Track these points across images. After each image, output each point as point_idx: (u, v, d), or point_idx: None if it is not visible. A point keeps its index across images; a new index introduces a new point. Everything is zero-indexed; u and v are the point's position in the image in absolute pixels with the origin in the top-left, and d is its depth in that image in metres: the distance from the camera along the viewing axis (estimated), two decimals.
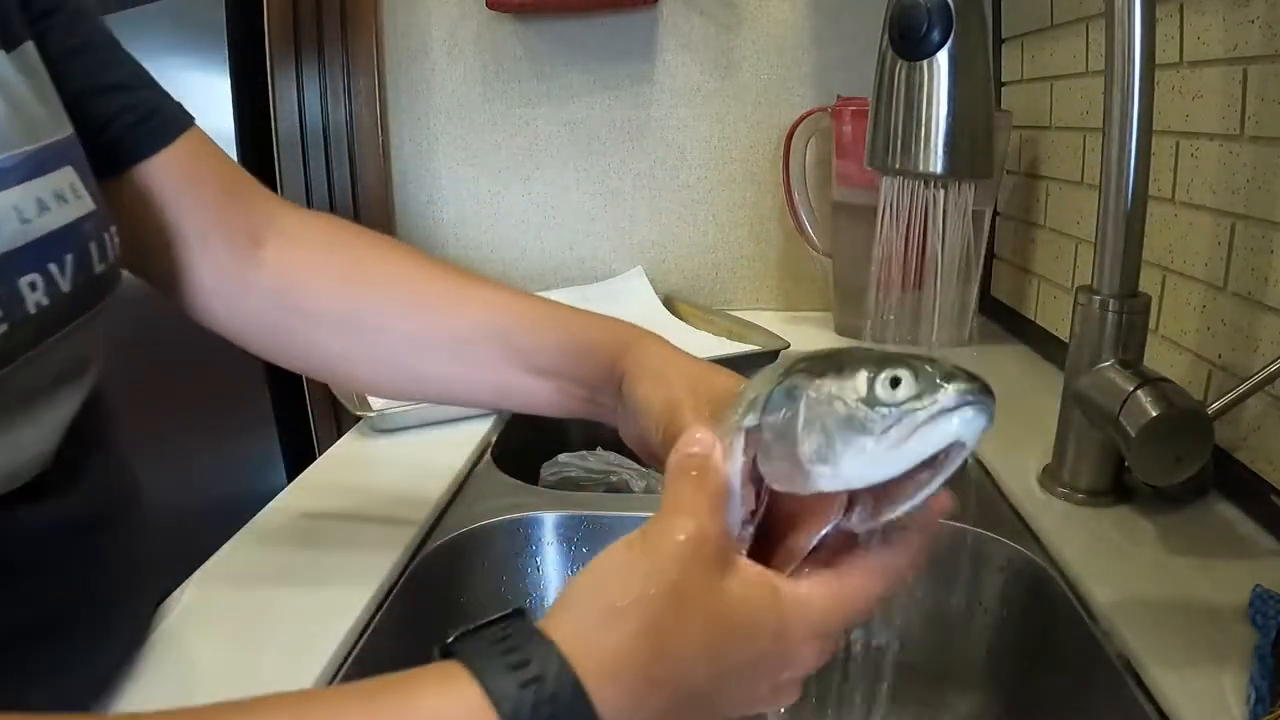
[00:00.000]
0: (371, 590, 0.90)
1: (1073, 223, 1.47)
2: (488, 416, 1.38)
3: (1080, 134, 1.44)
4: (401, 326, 0.83)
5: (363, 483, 1.19)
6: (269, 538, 1.01)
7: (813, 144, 1.92)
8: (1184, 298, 1.13)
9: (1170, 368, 1.14)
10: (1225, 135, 1.03)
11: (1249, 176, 0.99)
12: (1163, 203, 1.16)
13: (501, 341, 0.82)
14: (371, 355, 0.84)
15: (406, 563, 0.98)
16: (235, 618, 0.85)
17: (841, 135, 1.73)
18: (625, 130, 2.05)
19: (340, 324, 0.84)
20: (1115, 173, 0.93)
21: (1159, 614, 0.81)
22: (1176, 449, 0.88)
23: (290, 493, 1.14)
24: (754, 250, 2.09)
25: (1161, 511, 1.00)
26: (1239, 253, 1.02)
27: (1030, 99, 1.63)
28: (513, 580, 1.08)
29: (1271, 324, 0.96)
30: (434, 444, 1.30)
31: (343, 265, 0.86)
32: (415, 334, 0.83)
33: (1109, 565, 0.89)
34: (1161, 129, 1.08)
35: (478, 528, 1.06)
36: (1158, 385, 0.91)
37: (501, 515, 1.08)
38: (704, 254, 2.09)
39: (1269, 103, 0.96)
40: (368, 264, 0.86)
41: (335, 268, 0.85)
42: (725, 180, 2.05)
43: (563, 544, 1.09)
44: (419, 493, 1.11)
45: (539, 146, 2.08)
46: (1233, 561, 0.90)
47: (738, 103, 2.01)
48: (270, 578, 0.92)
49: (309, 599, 0.88)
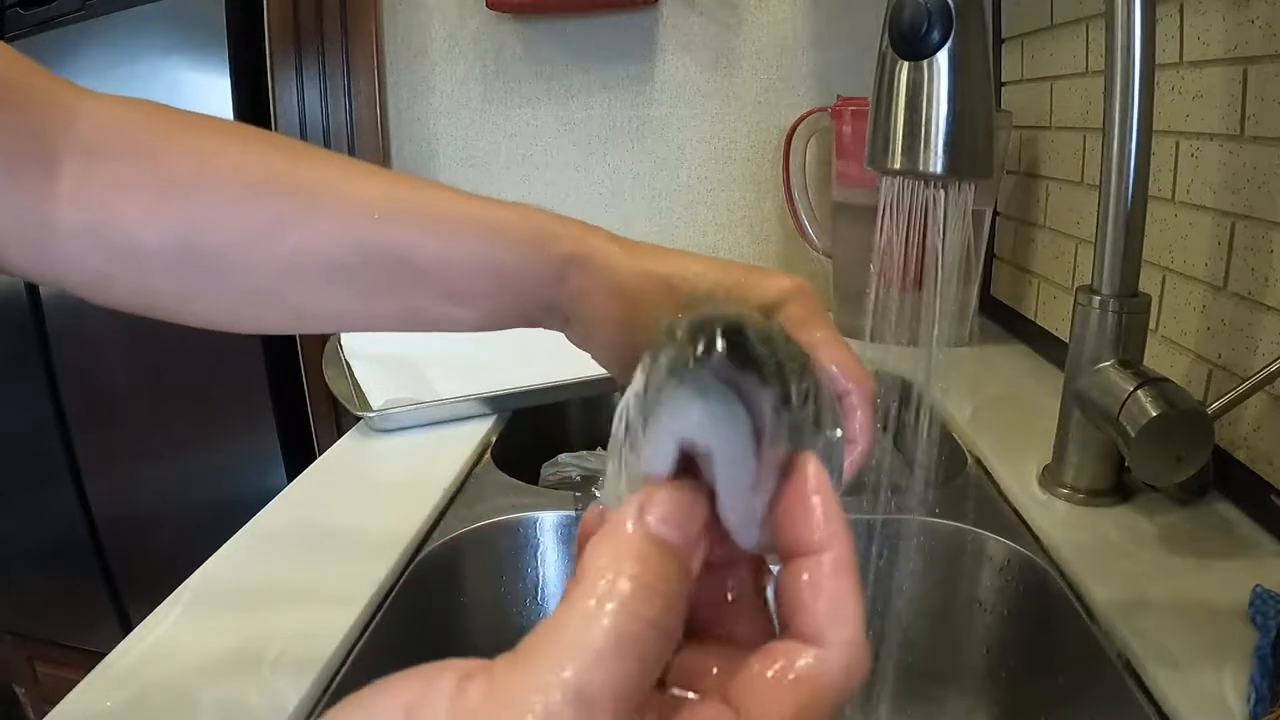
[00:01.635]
0: (371, 591, 0.90)
1: (1073, 223, 1.47)
2: (488, 416, 1.38)
3: (1080, 134, 1.44)
4: (249, 257, 0.63)
5: (363, 483, 1.19)
6: (268, 538, 1.01)
7: (813, 144, 1.92)
8: (1184, 298, 1.12)
9: (1170, 368, 1.14)
10: (1226, 135, 1.03)
11: (1249, 176, 0.99)
12: (1163, 203, 1.16)
13: (395, 264, 0.64)
14: (218, 296, 0.65)
15: (406, 563, 0.97)
16: (235, 616, 0.85)
17: (841, 135, 1.73)
18: (625, 130, 2.05)
19: (172, 261, 0.62)
20: (1115, 172, 0.93)
21: (1159, 614, 0.81)
22: (1176, 449, 0.88)
23: (290, 493, 1.14)
24: (754, 251, 2.09)
25: (1161, 512, 1.00)
26: (1239, 253, 1.02)
27: (1030, 99, 1.63)
28: (512, 581, 1.08)
29: (1272, 324, 0.96)
30: (434, 444, 1.29)
31: (165, 180, 0.62)
32: (271, 263, 0.63)
33: (1109, 565, 0.89)
34: (1162, 129, 1.09)
35: (478, 528, 1.06)
36: (1158, 385, 0.90)
37: (502, 515, 1.08)
38: (704, 254, 2.08)
39: (1269, 102, 0.96)
40: (199, 172, 0.63)
41: (155, 185, 0.62)
42: (725, 180, 2.05)
43: (563, 545, 1.09)
44: (419, 493, 1.11)
45: (539, 147, 2.08)
46: (1233, 561, 0.90)
47: (738, 103, 2.02)
48: (270, 577, 0.92)
49: (309, 599, 0.88)
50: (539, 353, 1.53)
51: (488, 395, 1.39)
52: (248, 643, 0.81)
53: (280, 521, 1.05)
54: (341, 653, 0.82)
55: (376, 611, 0.89)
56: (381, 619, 0.89)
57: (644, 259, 0.64)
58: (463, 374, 1.46)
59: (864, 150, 0.81)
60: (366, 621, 0.87)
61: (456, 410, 1.38)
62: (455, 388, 1.41)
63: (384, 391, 1.37)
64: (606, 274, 0.63)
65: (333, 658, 0.80)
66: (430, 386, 1.43)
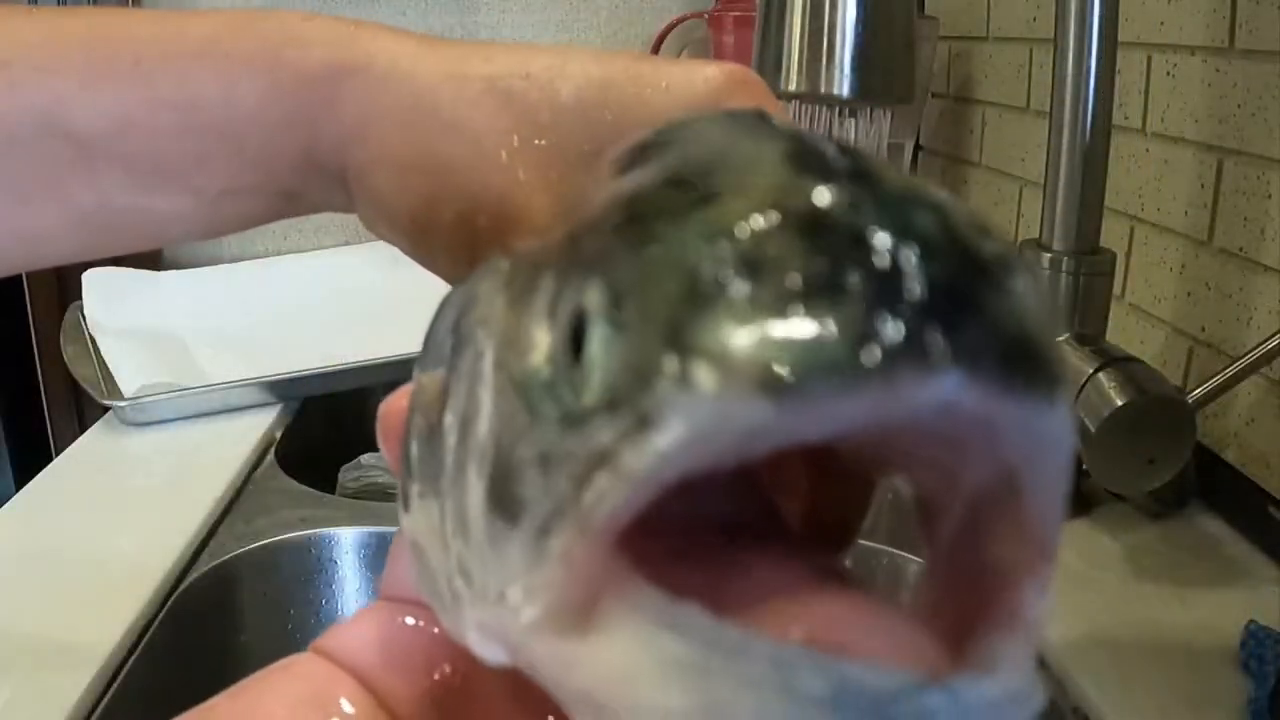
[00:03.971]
0: (118, 635, 0.88)
1: (1016, 160, 1.48)
2: (271, 406, 1.38)
3: (1025, 46, 1.44)
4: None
5: (112, 491, 1.17)
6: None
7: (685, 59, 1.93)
8: (1158, 255, 1.13)
9: (1141, 344, 1.15)
10: (1210, 48, 1.03)
11: (1240, 101, 0.99)
12: (1131, 134, 1.16)
13: (44, 137, 0.53)
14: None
15: (165, 596, 0.96)
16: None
17: (722, 48, 1.76)
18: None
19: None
20: (1070, 96, 0.93)
21: (1126, 658, 0.82)
22: (1148, 448, 0.89)
23: (14, 506, 1.12)
24: None
25: (1130, 528, 1.01)
26: (1227, 197, 1.02)
27: (963, 2, 1.64)
28: (302, 614, 1.08)
29: (1268, 288, 0.96)
30: (203, 441, 1.28)
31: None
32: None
33: (1063, 596, 0.88)
34: (1129, 40, 1.09)
35: (258, 548, 1.06)
36: (1124, 366, 0.91)
37: (288, 532, 1.08)
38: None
39: (1267, 5, 0.96)
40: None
41: None
42: None
43: (366, 569, 1.09)
44: (183, 504, 1.10)
45: None
46: (1220, 591, 0.91)
47: (588, 7, 2.04)
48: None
49: (40, 642, 0.88)
50: (335, 324, 1.52)
51: (270, 379, 1.38)
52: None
53: (3, 542, 1.05)
54: (82, 711, 0.81)
55: (124, 663, 0.87)
56: (131, 672, 0.87)
57: (458, 59, 0.51)
58: (238, 352, 1.46)
59: (750, 68, 0.80)
60: (111, 676, 0.85)
61: (231, 398, 1.37)
62: (229, 370, 1.41)
63: (139, 375, 1.35)
64: (398, 87, 0.50)
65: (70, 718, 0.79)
66: (198, 368, 1.43)
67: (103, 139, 0.52)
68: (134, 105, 0.52)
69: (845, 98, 0.74)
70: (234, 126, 0.51)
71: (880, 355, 0.19)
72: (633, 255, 0.23)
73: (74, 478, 1.20)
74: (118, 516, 1.09)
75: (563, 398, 0.23)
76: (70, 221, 0.55)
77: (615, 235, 0.24)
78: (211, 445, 1.26)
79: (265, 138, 0.52)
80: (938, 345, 0.20)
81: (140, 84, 0.52)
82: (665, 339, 0.21)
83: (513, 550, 0.24)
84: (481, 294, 0.30)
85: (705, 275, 0.21)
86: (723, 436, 0.20)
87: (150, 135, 0.52)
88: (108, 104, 0.51)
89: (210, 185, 0.53)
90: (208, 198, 0.54)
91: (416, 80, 0.50)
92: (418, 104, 0.49)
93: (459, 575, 0.27)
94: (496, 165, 0.48)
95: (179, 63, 0.51)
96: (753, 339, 0.20)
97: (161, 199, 0.54)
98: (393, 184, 0.51)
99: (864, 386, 0.19)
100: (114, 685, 0.84)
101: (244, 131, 0.51)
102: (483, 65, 0.50)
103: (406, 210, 0.51)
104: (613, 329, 0.22)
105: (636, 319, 0.22)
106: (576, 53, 0.50)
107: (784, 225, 0.21)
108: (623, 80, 0.49)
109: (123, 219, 0.55)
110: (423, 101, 0.49)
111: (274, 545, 1.06)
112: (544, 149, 0.48)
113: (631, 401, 0.21)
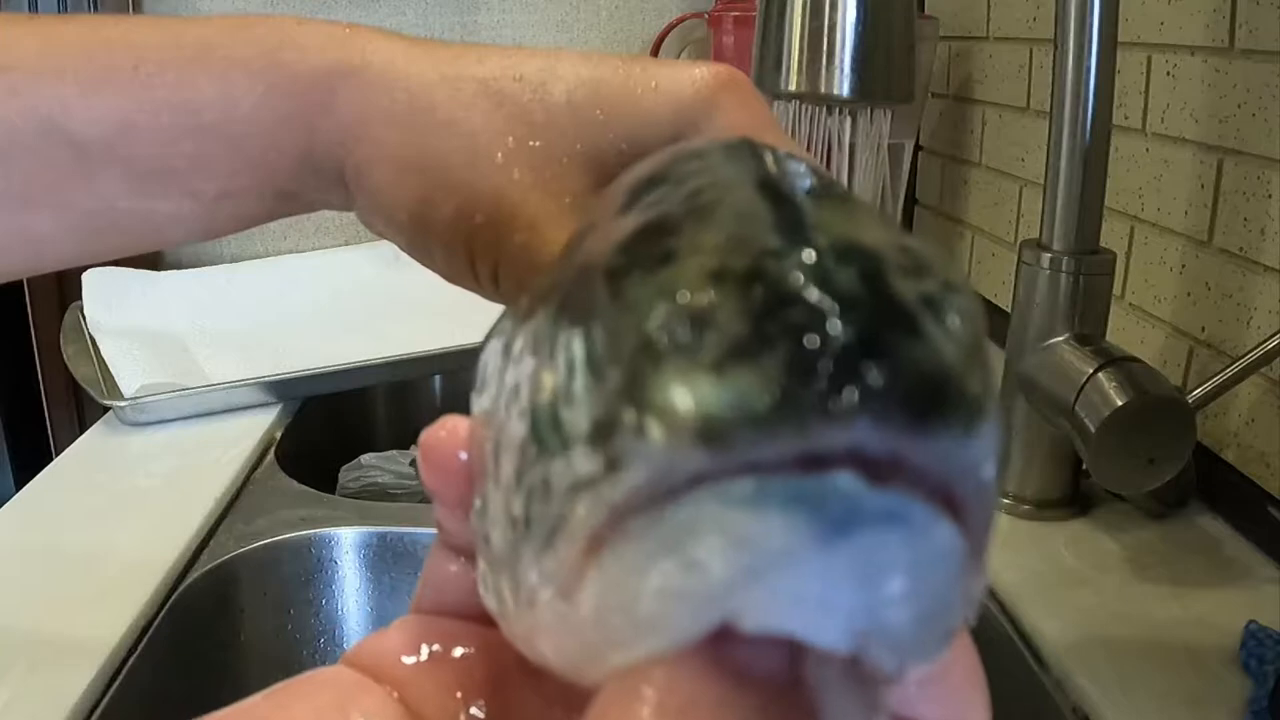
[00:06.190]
0: (122, 629, 0.88)
1: (1016, 160, 1.48)
2: (271, 406, 1.38)
3: (1025, 46, 1.44)
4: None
5: (112, 491, 1.17)
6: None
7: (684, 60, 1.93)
8: (1158, 255, 1.13)
9: (1141, 344, 1.15)
10: (1210, 48, 1.03)
11: (1241, 101, 0.99)
12: (1131, 134, 1.16)
13: (45, 141, 0.54)
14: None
15: (168, 593, 0.96)
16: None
17: (722, 49, 1.74)
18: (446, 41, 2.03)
19: None
20: (1070, 96, 0.93)
21: (1126, 658, 0.82)
22: (1148, 448, 0.89)
23: (15, 506, 1.12)
24: None
25: (1130, 527, 1.01)
26: (1228, 197, 1.02)
27: (963, 3, 1.64)
28: (302, 614, 1.08)
29: (1268, 288, 0.96)
30: (203, 441, 1.28)
31: None
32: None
33: (1063, 596, 0.91)
34: (1129, 40, 1.10)
35: (258, 548, 1.06)
36: (1124, 367, 0.91)
37: (288, 532, 1.08)
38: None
39: (1267, 6, 0.96)
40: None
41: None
42: None
43: (366, 569, 1.09)
44: (183, 503, 1.10)
45: None
46: (1220, 590, 0.91)
47: (589, 7, 2.04)
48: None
49: (41, 642, 0.87)
50: (335, 324, 1.52)
51: (270, 379, 1.38)
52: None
53: (4, 542, 1.05)
54: (84, 709, 0.81)
55: (124, 662, 0.87)
56: (131, 672, 0.87)
57: (452, 60, 0.52)
58: (239, 352, 1.46)
59: (750, 68, 0.80)
60: (111, 676, 0.85)
61: (231, 398, 1.36)
62: (229, 370, 1.41)
63: (139, 375, 1.35)
64: (394, 88, 0.52)
65: (71, 717, 0.79)
66: (198, 368, 1.42)
67: (102, 143, 0.53)
68: (133, 110, 0.52)
69: (845, 98, 0.74)
70: (232, 129, 0.53)
71: (795, 408, 0.22)
72: (609, 311, 0.26)
73: (74, 478, 1.20)
74: (118, 516, 1.09)
75: (562, 431, 0.26)
76: (71, 225, 0.56)
77: (602, 286, 0.27)
78: (211, 445, 1.26)
79: (263, 139, 0.53)
80: (846, 395, 0.22)
81: (139, 89, 0.52)
82: (627, 394, 0.24)
83: (527, 551, 0.28)
84: (510, 333, 0.32)
85: (657, 337, 0.24)
86: (673, 477, 0.23)
87: (150, 139, 0.53)
88: (107, 109, 0.52)
89: (209, 187, 0.54)
90: (207, 199, 0.55)
91: (411, 81, 0.51)
92: (413, 105, 0.51)
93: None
94: (492, 164, 0.50)
95: (177, 67, 0.52)
96: (693, 397, 0.23)
97: (161, 202, 0.55)
98: (390, 183, 0.52)
99: (781, 437, 0.22)
100: (114, 685, 0.84)
101: (242, 133, 0.53)
102: (476, 67, 0.52)
103: (404, 208, 0.52)
104: (593, 379, 0.26)
105: (609, 371, 0.25)
106: (567, 55, 0.52)
107: (724, 288, 0.24)
108: (613, 81, 0.50)
109: (123, 222, 0.56)
110: (418, 102, 0.51)
111: (274, 545, 1.06)
112: (538, 149, 0.50)
113: (605, 444, 0.25)
